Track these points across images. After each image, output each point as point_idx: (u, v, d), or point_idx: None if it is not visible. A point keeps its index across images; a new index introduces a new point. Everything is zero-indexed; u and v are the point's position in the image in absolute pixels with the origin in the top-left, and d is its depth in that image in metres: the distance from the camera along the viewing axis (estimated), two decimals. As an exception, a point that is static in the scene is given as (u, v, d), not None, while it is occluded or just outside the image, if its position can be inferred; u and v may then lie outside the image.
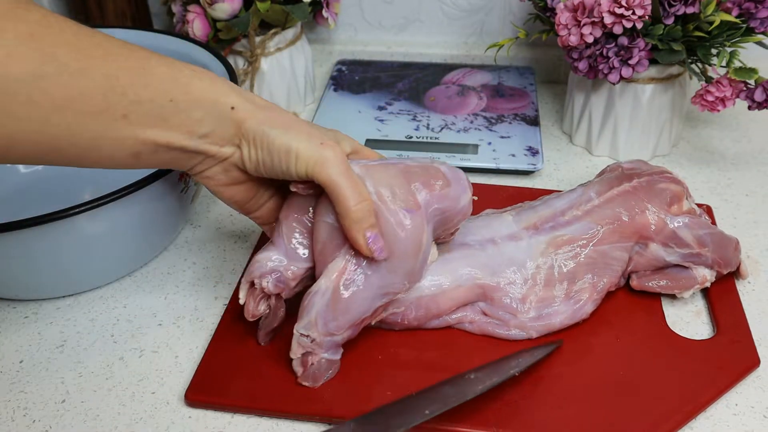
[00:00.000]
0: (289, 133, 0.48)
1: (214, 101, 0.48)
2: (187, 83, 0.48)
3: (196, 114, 0.48)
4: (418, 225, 0.51)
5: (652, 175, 0.60)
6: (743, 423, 0.50)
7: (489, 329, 0.56)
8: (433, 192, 0.52)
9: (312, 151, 0.48)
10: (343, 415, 0.51)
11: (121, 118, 0.45)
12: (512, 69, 0.90)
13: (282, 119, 0.50)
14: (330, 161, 0.48)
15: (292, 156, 0.48)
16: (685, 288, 0.58)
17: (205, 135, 0.49)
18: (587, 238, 0.57)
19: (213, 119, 0.48)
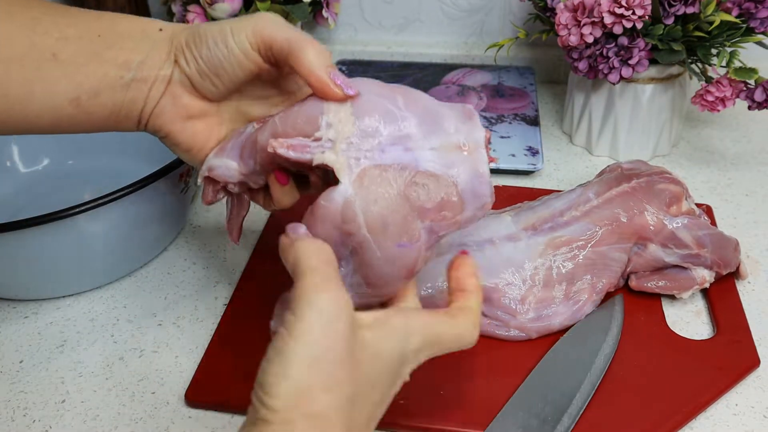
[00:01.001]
0: (220, 23, 0.46)
1: (141, 29, 0.47)
2: (112, 20, 0.47)
3: (128, 44, 0.46)
4: (411, 258, 0.42)
5: (652, 175, 0.60)
6: (743, 423, 0.50)
7: (489, 330, 0.56)
8: (441, 222, 0.42)
9: (246, 20, 0.45)
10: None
11: (50, 58, 0.44)
12: (512, 69, 0.90)
13: (221, 23, 0.47)
14: (266, 19, 0.45)
15: (227, 33, 0.45)
16: (684, 288, 0.58)
17: (141, 63, 0.46)
18: (586, 238, 0.57)
19: (145, 45, 0.47)
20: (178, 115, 0.48)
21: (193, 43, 0.46)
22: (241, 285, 0.61)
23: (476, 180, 0.42)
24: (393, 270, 0.42)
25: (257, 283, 0.61)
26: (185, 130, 0.49)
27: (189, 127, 0.49)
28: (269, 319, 0.42)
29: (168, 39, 0.47)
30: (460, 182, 0.42)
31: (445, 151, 0.42)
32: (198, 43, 0.46)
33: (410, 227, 0.41)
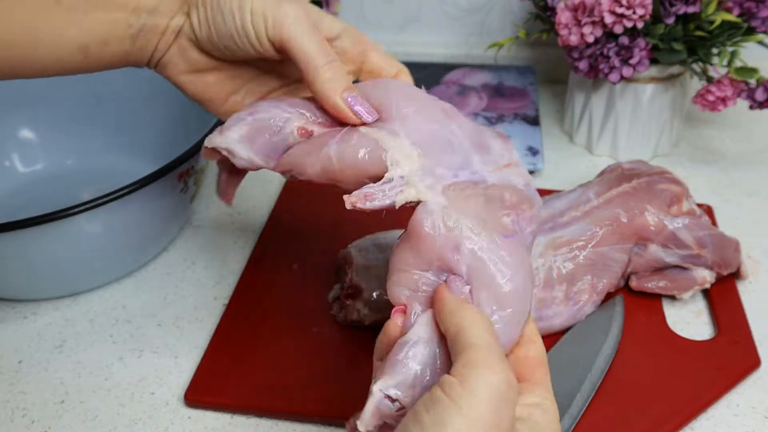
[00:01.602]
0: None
1: None
2: None
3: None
4: (520, 249, 0.41)
5: (652, 175, 0.60)
6: (744, 424, 0.50)
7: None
8: (523, 215, 0.42)
9: (270, 5, 0.41)
10: (343, 416, 0.50)
11: (54, 4, 0.41)
12: (512, 69, 0.90)
13: None
14: (290, 19, 0.41)
15: (246, 11, 0.41)
16: (684, 289, 0.58)
17: (153, 9, 0.43)
18: (586, 239, 0.57)
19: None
20: (187, 67, 0.46)
21: (210, 5, 0.43)
22: (241, 285, 0.61)
23: (529, 186, 0.44)
24: (512, 266, 0.40)
25: (257, 283, 0.61)
26: (195, 83, 0.46)
27: (199, 79, 0.46)
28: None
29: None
30: (521, 188, 0.43)
31: (500, 169, 0.44)
32: (213, 8, 0.43)
33: (503, 221, 0.41)
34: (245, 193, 0.74)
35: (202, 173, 0.64)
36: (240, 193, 0.73)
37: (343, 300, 0.56)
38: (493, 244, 0.40)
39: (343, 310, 0.56)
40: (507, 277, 0.39)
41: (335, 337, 0.56)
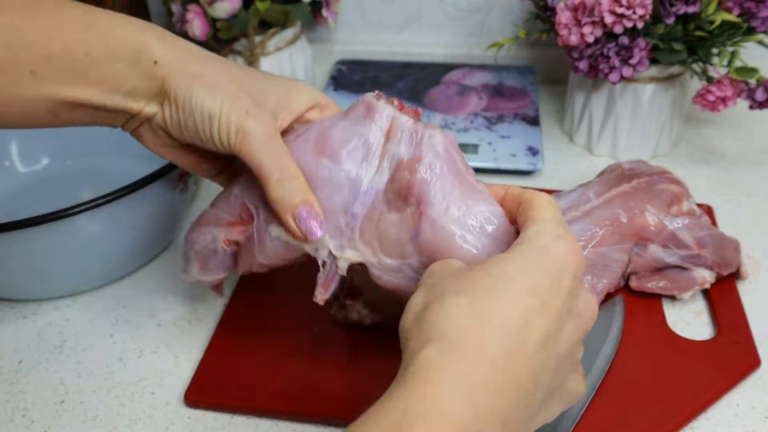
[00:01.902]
0: (215, 94, 0.44)
1: (136, 53, 0.43)
2: (106, 32, 0.43)
3: (118, 67, 0.43)
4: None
5: (652, 175, 0.60)
6: (744, 424, 0.50)
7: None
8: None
9: (235, 120, 0.43)
10: (343, 416, 0.50)
11: (29, 74, 0.41)
12: (512, 69, 0.90)
13: (211, 75, 0.44)
14: (251, 135, 0.43)
15: (214, 122, 0.44)
16: (684, 289, 0.58)
17: (128, 93, 0.44)
18: (586, 239, 0.57)
19: (136, 74, 0.43)
20: (160, 143, 0.48)
21: (183, 109, 0.44)
22: (241, 285, 0.61)
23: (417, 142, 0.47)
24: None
25: (257, 283, 0.61)
26: (169, 154, 0.49)
27: (172, 152, 0.49)
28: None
29: (160, 78, 0.44)
30: (408, 157, 0.46)
31: (378, 159, 0.47)
32: (185, 112, 0.44)
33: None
34: (245, 193, 0.74)
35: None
36: (240, 193, 0.73)
37: (342, 300, 0.56)
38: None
39: (343, 310, 0.56)
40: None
41: (335, 337, 0.56)
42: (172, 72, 0.44)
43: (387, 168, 0.45)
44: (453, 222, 0.43)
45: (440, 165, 0.44)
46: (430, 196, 0.43)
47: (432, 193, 0.43)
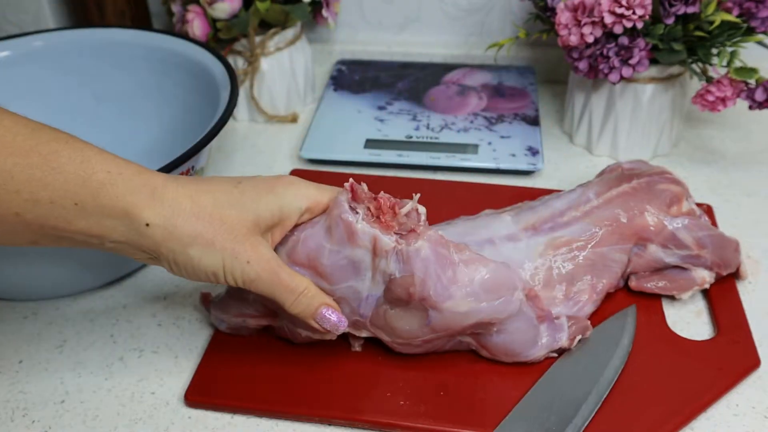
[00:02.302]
0: (215, 254, 0.45)
1: (126, 213, 0.43)
2: (99, 188, 0.42)
3: (107, 222, 0.43)
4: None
5: (652, 175, 0.60)
6: (744, 424, 0.50)
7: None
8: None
9: (239, 273, 0.46)
10: (343, 416, 0.51)
11: (13, 216, 0.41)
12: (512, 69, 0.90)
13: (207, 234, 0.45)
14: (257, 281, 0.46)
15: (219, 276, 0.46)
16: (683, 289, 0.58)
17: (118, 241, 0.44)
18: (586, 239, 0.57)
19: (126, 231, 0.44)
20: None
21: (184, 267, 0.46)
22: (241, 285, 0.61)
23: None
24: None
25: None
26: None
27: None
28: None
29: (154, 240, 0.44)
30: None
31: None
32: (186, 269, 0.46)
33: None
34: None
35: (202, 173, 0.64)
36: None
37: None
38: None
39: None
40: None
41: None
42: (167, 238, 0.44)
43: (381, 280, 0.49)
44: (456, 300, 0.49)
45: (431, 267, 0.48)
46: (431, 294, 0.48)
47: (431, 292, 0.48)
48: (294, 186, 0.49)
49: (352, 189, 0.49)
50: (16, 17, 0.93)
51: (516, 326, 0.51)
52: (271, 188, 0.48)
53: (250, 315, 0.54)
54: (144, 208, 0.43)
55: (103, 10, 0.87)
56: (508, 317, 0.51)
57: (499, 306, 0.50)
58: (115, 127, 0.76)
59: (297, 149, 0.79)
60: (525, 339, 0.52)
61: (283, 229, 0.49)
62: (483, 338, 0.52)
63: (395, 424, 0.50)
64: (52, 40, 0.74)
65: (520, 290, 0.51)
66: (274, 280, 0.46)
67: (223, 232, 0.45)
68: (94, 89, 0.75)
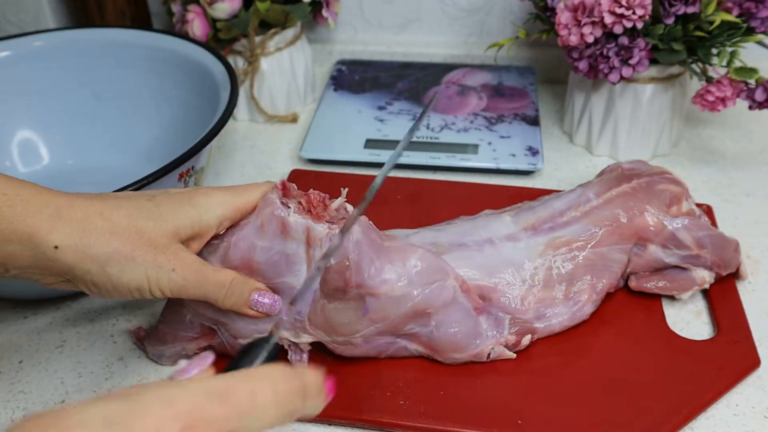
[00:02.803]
0: (136, 268, 0.43)
1: (29, 236, 0.41)
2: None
3: (9, 248, 0.41)
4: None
5: (652, 175, 0.60)
6: (744, 423, 0.50)
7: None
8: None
9: (166, 282, 0.44)
10: (343, 416, 0.51)
11: None
12: (512, 69, 0.90)
13: (124, 248, 0.43)
14: (185, 286, 0.45)
15: (145, 291, 0.44)
16: (683, 289, 0.58)
17: (25, 267, 0.42)
18: (586, 239, 0.57)
19: (32, 256, 0.41)
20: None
21: (102, 287, 0.44)
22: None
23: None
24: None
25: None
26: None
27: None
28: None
29: (65, 263, 0.42)
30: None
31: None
32: (109, 288, 0.44)
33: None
34: (245, 193, 0.74)
35: (202, 173, 0.64)
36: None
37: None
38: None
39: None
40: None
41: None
42: (80, 258, 0.42)
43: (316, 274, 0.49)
44: (392, 285, 0.50)
45: (365, 251, 0.49)
46: (365, 279, 0.49)
47: (365, 276, 0.49)
48: (210, 195, 0.48)
49: (283, 186, 0.49)
50: (16, 17, 0.93)
51: (453, 317, 0.52)
52: (188, 199, 0.47)
53: (189, 339, 0.53)
54: (49, 230, 0.41)
55: (104, 10, 0.87)
56: (443, 305, 0.51)
57: (432, 292, 0.51)
58: (115, 127, 0.76)
59: (297, 149, 0.79)
60: (466, 330, 0.52)
61: (201, 240, 0.48)
62: (426, 338, 0.52)
63: (395, 424, 0.50)
64: (52, 40, 0.74)
65: (452, 278, 0.52)
66: (201, 280, 0.46)
67: (142, 245, 0.43)
68: (94, 89, 0.75)
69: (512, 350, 0.54)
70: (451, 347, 0.53)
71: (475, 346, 0.53)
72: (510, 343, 0.54)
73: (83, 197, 0.44)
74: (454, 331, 0.52)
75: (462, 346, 0.53)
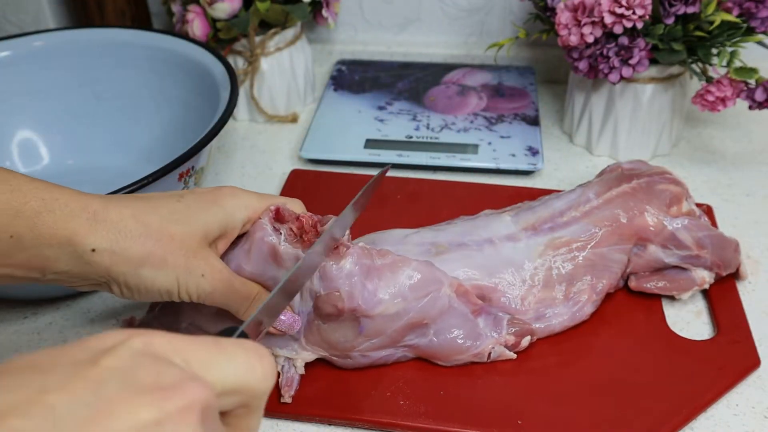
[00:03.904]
0: (168, 273, 0.44)
1: (68, 240, 0.41)
2: (34, 217, 0.40)
3: (48, 252, 0.41)
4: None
5: (652, 175, 0.60)
6: (743, 423, 0.50)
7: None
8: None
9: (194, 288, 0.45)
10: (343, 416, 0.51)
11: None
12: (512, 69, 0.90)
13: (157, 253, 0.43)
14: (214, 294, 0.46)
15: (174, 294, 0.45)
16: (683, 289, 0.58)
17: (62, 272, 0.42)
18: (586, 239, 0.57)
19: (70, 259, 0.42)
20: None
21: (136, 289, 0.44)
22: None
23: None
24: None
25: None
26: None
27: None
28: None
29: (102, 266, 0.42)
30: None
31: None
32: (139, 291, 0.44)
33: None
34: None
35: (202, 173, 0.64)
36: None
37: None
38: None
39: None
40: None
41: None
42: (116, 261, 0.42)
43: (308, 297, 0.50)
44: (386, 305, 0.50)
45: (357, 279, 0.49)
46: (360, 305, 0.49)
47: (359, 302, 0.49)
48: (236, 196, 0.48)
49: (277, 211, 0.50)
50: (16, 17, 0.93)
51: (450, 323, 0.52)
52: (215, 200, 0.47)
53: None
54: (87, 233, 0.41)
55: (104, 10, 0.87)
56: (439, 314, 0.52)
57: (427, 304, 0.51)
58: (115, 127, 0.76)
59: (297, 149, 0.79)
60: (465, 334, 0.52)
61: (227, 240, 0.48)
62: (425, 347, 0.53)
63: (395, 424, 0.50)
64: (52, 40, 0.74)
65: (446, 286, 0.52)
66: (229, 289, 0.47)
67: (174, 249, 0.44)
68: (94, 89, 0.75)
69: (512, 351, 0.54)
70: (451, 352, 0.53)
71: (476, 347, 0.53)
72: (509, 344, 0.53)
73: (117, 199, 0.44)
74: (453, 336, 0.52)
75: (462, 349, 0.53)
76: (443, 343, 0.52)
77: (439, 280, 0.52)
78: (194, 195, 0.47)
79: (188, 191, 0.48)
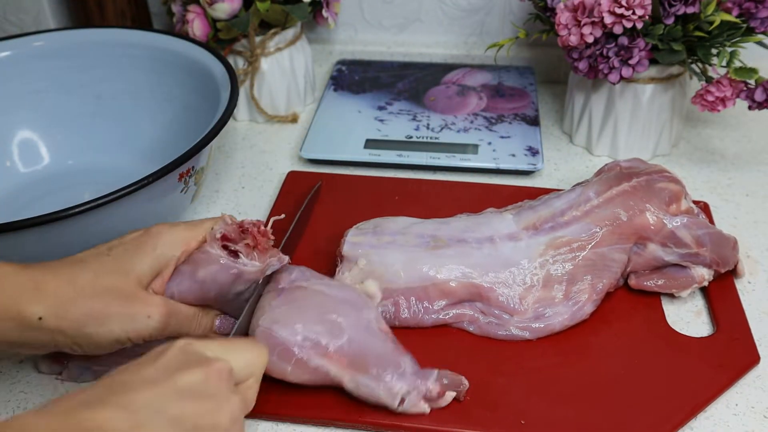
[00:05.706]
0: (112, 325, 0.46)
1: (17, 311, 0.44)
2: None
3: (1, 325, 0.44)
4: None
5: (651, 174, 0.60)
6: (743, 423, 0.50)
7: (488, 329, 0.56)
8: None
9: (143, 331, 0.47)
10: (344, 417, 0.51)
11: None
12: (512, 69, 0.90)
13: (99, 307, 0.46)
14: (164, 329, 0.48)
15: (124, 341, 0.47)
16: (682, 287, 0.58)
17: (11, 342, 0.45)
18: (586, 239, 0.57)
19: (19, 330, 0.44)
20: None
21: (86, 346, 0.47)
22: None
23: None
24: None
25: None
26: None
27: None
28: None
29: (51, 330, 0.45)
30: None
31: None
32: (92, 345, 0.47)
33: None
34: (245, 192, 0.74)
35: (202, 173, 0.64)
36: (240, 192, 0.73)
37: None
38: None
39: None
40: None
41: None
42: (61, 325, 0.45)
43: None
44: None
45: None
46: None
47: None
48: (163, 236, 0.50)
49: (223, 237, 0.50)
50: (16, 17, 0.93)
51: (367, 339, 0.50)
52: (142, 245, 0.49)
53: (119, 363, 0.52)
54: (32, 303, 0.44)
55: (104, 10, 0.87)
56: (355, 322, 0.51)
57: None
58: (115, 127, 0.76)
59: (297, 149, 0.79)
60: (381, 352, 0.50)
61: (162, 279, 0.50)
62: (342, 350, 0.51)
63: (395, 425, 0.50)
64: (52, 40, 0.74)
65: (374, 317, 0.52)
66: (175, 317, 0.49)
67: (112, 300, 0.46)
68: (95, 89, 0.75)
69: (431, 403, 0.50)
70: (362, 360, 0.49)
71: (390, 379, 0.49)
72: (431, 395, 0.49)
73: (53, 267, 0.46)
74: (366, 345, 0.49)
75: (372, 364, 0.49)
76: (355, 347, 0.49)
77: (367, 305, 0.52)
78: (122, 245, 0.49)
79: (117, 241, 0.50)
